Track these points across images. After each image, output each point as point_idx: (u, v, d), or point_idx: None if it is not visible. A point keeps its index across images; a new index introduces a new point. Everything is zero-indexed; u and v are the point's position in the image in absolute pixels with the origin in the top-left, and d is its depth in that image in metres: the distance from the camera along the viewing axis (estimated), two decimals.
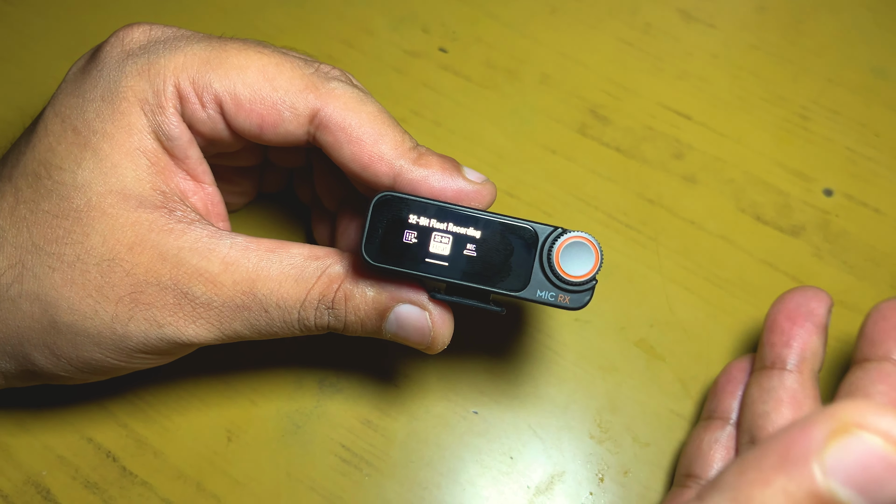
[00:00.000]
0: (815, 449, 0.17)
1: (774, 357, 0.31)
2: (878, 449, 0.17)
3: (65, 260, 0.27)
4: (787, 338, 0.31)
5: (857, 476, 0.17)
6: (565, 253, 0.26)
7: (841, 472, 0.17)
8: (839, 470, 0.17)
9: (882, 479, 0.17)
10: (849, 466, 0.17)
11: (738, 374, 0.33)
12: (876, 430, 0.17)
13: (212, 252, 0.27)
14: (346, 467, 0.34)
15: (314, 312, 0.28)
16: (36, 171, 0.27)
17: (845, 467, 0.17)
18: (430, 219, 0.26)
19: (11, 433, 0.34)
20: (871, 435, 0.17)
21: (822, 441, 0.17)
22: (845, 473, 0.17)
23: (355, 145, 0.28)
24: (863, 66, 0.44)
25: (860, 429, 0.17)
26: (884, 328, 0.31)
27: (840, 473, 0.17)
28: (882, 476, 0.17)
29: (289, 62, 0.28)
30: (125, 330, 0.27)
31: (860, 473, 0.17)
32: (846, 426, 0.17)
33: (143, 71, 0.27)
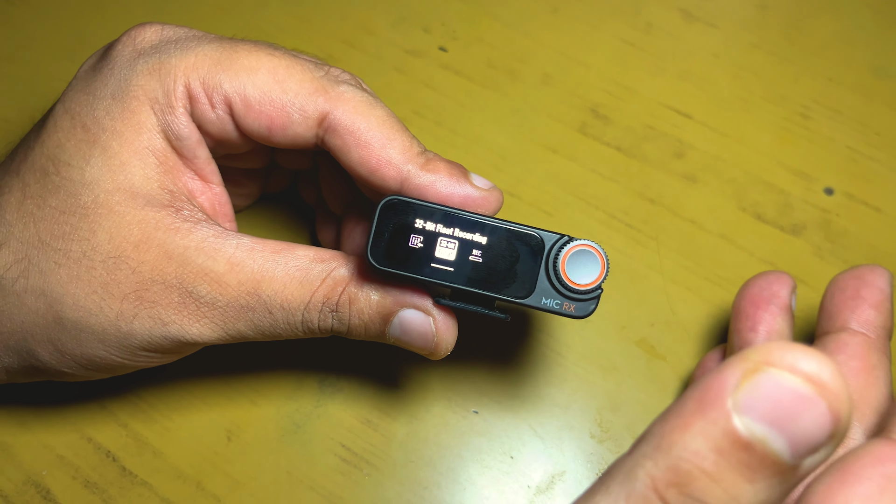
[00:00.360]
0: (728, 390, 0.17)
1: (742, 343, 0.31)
2: (786, 382, 0.17)
3: (71, 256, 0.27)
4: (752, 322, 0.31)
5: (768, 411, 0.17)
6: (571, 261, 0.26)
7: (754, 409, 0.17)
8: (752, 407, 0.17)
9: (792, 411, 0.17)
10: (760, 402, 0.17)
11: (711, 366, 0.34)
12: (784, 365, 0.17)
13: (217, 252, 0.27)
14: (347, 467, 0.34)
15: (318, 315, 0.28)
16: (44, 167, 0.28)
17: (757, 403, 0.17)
18: (437, 224, 0.26)
19: (12, 432, 0.34)
20: (779, 370, 0.17)
21: (736, 382, 0.17)
22: (758, 409, 0.17)
23: (364, 149, 0.28)
24: (864, 65, 0.44)
25: (769, 366, 0.17)
26: (841, 300, 0.31)
27: (753, 410, 0.17)
28: (793, 408, 0.17)
29: (299, 65, 0.28)
30: (130, 327, 0.27)
31: (772, 408, 0.17)
32: (756, 365, 0.17)
33: (154, 70, 0.28)
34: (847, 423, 0.17)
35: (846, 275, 0.31)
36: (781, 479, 0.18)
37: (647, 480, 0.18)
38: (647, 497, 0.18)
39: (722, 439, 0.17)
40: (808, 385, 0.17)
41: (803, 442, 0.17)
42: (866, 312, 0.30)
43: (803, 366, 0.17)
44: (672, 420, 0.18)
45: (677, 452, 0.18)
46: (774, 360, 0.17)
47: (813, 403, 0.17)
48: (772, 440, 0.17)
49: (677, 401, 0.19)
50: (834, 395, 0.17)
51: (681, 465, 0.18)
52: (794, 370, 0.17)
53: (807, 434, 0.17)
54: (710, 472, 0.17)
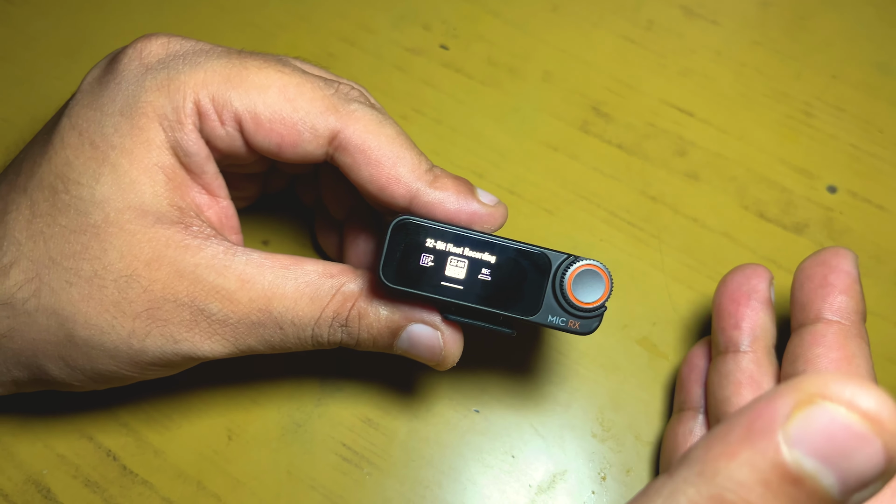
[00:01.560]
0: (779, 421, 0.17)
1: (727, 341, 0.31)
2: (841, 418, 0.17)
3: (82, 275, 0.27)
4: (735, 320, 0.31)
5: (821, 446, 0.17)
6: (577, 280, 0.27)
7: (805, 443, 0.17)
8: (804, 440, 0.17)
9: (846, 448, 0.17)
10: (813, 436, 0.17)
11: (698, 362, 0.34)
12: (839, 399, 0.17)
13: (228, 269, 0.27)
14: (347, 466, 0.34)
15: (328, 330, 0.28)
16: (53, 185, 0.27)
17: (810, 437, 0.17)
18: (447, 243, 0.27)
19: (12, 432, 0.34)
20: (834, 405, 0.17)
21: (787, 413, 0.17)
22: (810, 443, 0.17)
23: (374, 167, 0.28)
24: (867, 62, 0.44)
25: (824, 399, 0.17)
26: (810, 289, 0.31)
27: (805, 444, 0.17)
28: (846, 445, 0.17)
29: (309, 82, 0.28)
30: (142, 345, 0.27)
31: (824, 443, 0.17)
32: (810, 397, 0.17)
33: (163, 86, 0.27)
34: None
35: (811, 262, 0.31)
36: None
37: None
38: None
39: (770, 472, 0.17)
40: (864, 423, 0.17)
41: (854, 480, 0.17)
42: (838, 299, 0.30)
43: (862, 402, 0.17)
44: (717, 447, 0.18)
45: (721, 482, 0.17)
46: (830, 393, 0.17)
47: (868, 442, 0.17)
48: (822, 476, 0.17)
49: (723, 426, 0.18)
50: (890, 434, 0.17)
51: (725, 494, 0.17)
52: (852, 406, 0.17)
53: (859, 472, 0.17)
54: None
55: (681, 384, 0.34)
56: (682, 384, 0.34)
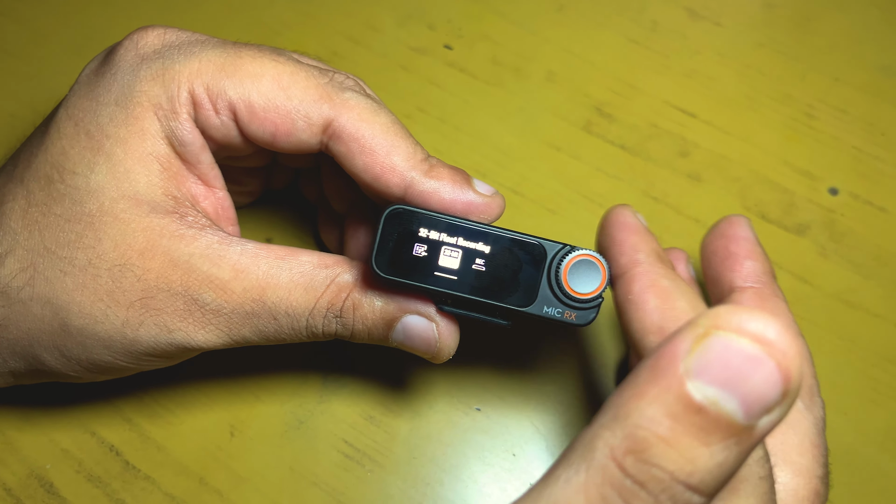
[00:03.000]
0: (680, 356, 0.18)
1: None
2: (733, 344, 0.17)
3: (76, 264, 0.27)
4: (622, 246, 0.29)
5: (718, 372, 0.17)
6: (573, 270, 0.26)
7: (705, 373, 0.17)
8: (703, 370, 0.17)
9: (741, 371, 0.17)
10: (711, 365, 0.17)
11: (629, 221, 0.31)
12: (731, 327, 0.17)
13: (222, 259, 0.27)
14: (349, 463, 0.34)
15: (322, 320, 0.28)
16: (48, 175, 0.28)
17: (708, 367, 0.17)
18: (441, 233, 0.27)
19: (16, 427, 0.34)
20: (727, 332, 0.17)
21: (687, 348, 0.18)
22: (707, 372, 0.17)
23: (368, 156, 0.28)
24: (870, 64, 0.44)
25: (717, 329, 0.17)
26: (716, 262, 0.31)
27: (704, 373, 0.17)
28: (741, 368, 0.17)
29: (303, 71, 0.28)
30: (135, 335, 0.27)
31: (721, 370, 0.17)
32: (707, 330, 0.18)
33: (158, 76, 0.28)
34: (798, 380, 0.17)
35: (710, 238, 0.32)
36: (737, 441, 0.18)
37: (605, 450, 0.18)
38: (606, 466, 0.18)
39: (675, 405, 0.18)
40: (755, 345, 0.17)
41: (756, 402, 0.17)
42: (745, 266, 0.30)
43: (750, 326, 0.17)
44: (627, 391, 0.19)
45: (633, 421, 0.18)
46: (722, 322, 0.18)
47: (761, 363, 0.17)
48: (724, 402, 0.17)
49: (633, 372, 0.19)
50: (782, 353, 0.17)
51: (637, 432, 0.18)
52: (741, 331, 0.17)
53: (758, 394, 0.17)
54: (665, 438, 0.18)
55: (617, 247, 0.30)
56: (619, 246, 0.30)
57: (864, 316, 0.37)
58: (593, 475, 0.18)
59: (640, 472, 0.18)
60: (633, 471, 0.18)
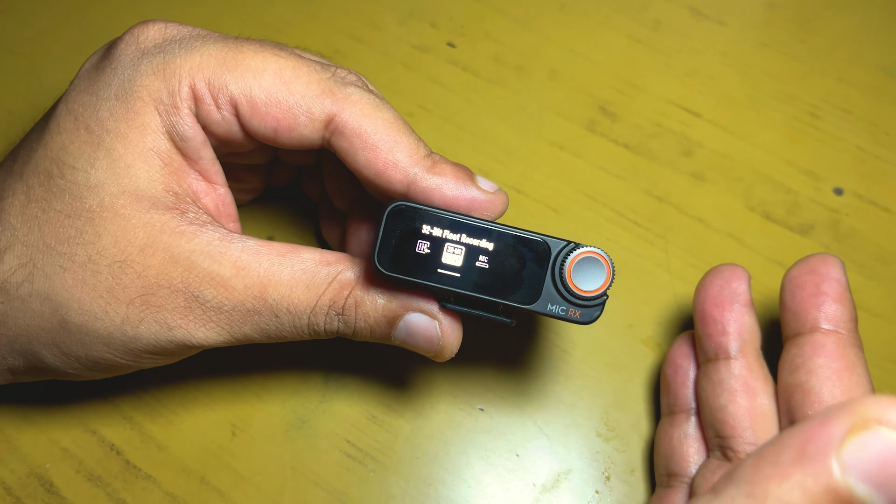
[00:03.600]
0: (833, 444, 0.17)
1: (715, 347, 0.31)
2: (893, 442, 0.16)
3: (76, 260, 0.27)
4: (721, 326, 0.31)
5: (875, 472, 0.16)
6: (577, 268, 0.26)
7: (859, 468, 0.16)
8: (858, 466, 0.16)
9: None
10: (867, 462, 0.16)
11: (682, 362, 0.33)
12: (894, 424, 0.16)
13: (223, 255, 0.27)
14: (351, 463, 0.34)
15: (324, 318, 0.28)
16: (48, 170, 0.27)
17: (864, 463, 0.16)
18: (444, 230, 0.26)
19: (16, 426, 0.34)
20: (890, 430, 0.16)
21: (841, 436, 0.17)
22: (864, 469, 0.16)
23: (370, 152, 0.27)
24: (873, 64, 0.44)
25: (879, 424, 0.16)
26: (803, 298, 0.30)
27: (858, 469, 0.16)
28: None
29: (306, 66, 0.28)
30: (135, 332, 0.27)
31: (879, 469, 0.16)
32: (865, 421, 0.17)
33: (159, 70, 0.27)
34: None
35: (800, 270, 0.31)
36: None
37: None
38: None
39: (822, 496, 0.17)
40: None
41: None
42: (832, 308, 0.30)
43: None
44: (767, 468, 0.18)
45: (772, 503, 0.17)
46: (886, 417, 0.17)
47: None
48: (873, 502, 0.17)
49: (773, 446, 0.18)
50: None
51: None
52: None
53: None
54: None
55: (667, 386, 0.33)
56: (669, 386, 0.33)
57: (866, 316, 0.37)
58: None
59: None
60: None
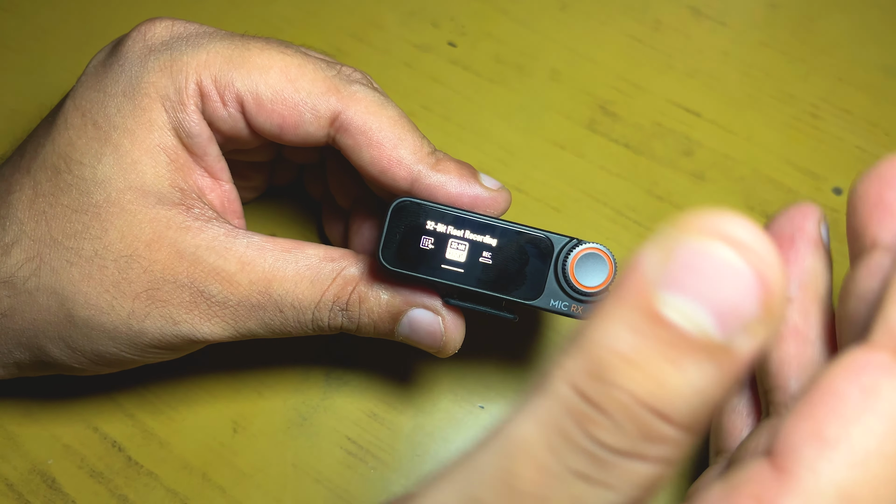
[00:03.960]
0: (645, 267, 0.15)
1: None
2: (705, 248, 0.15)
3: (83, 255, 0.27)
4: None
5: (688, 281, 0.15)
6: (580, 264, 0.26)
7: (673, 282, 0.15)
8: (669, 279, 0.15)
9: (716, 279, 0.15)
10: (680, 274, 0.15)
11: None
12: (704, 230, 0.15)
13: (228, 251, 0.27)
14: (352, 460, 0.34)
15: (328, 313, 0.28)
16: (55, 165, 0.28)
17: (675, 275, 0.15)
18: (448, 225, 0.27)
19: (18, 422, 0.34)
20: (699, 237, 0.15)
21: (653, 257, 0.15)
22: (676, 281, 0.15)
23: (375, 149, 0.28)
24: (873, 64, 0.44)
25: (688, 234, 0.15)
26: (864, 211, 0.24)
27: (671, 283, 0.15)
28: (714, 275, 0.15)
29: (311, 63, 0.28)
30: (141, 326, 0.27)
31: (692, 279, 0.15)
32: (676, 236, 0.15)
33: (166, 67, 0.28)
34: (780, 293, 0.15)
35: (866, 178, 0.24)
36: (714, 363, 0.15)
37: (563, 377, 0.16)
38: (564, 394, 0.16)
39: (639, 319, 0.15)
40: (728, 248, 0.15)
41: (730, 313, 0.15)
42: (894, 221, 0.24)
43: (723, 228, 0.15)
44: (593, 317, 0.16)
45: (595, 343, 0.16)
46: (692, 227, 0.15)
47: (737, 269, 0.15)
48: (693, 312, 0.15)
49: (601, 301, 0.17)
50: (759, 258, 0.15)
51: (600, 355, 0.15)
52: (713, 233, 0.15)
53: (731, 303, 0.15)
54: (630, 358, 0.15)
55: None
56: None
57: None
58: (550, 405, 0.16)
59: (600, 396, 0.15)
60: (593, 395, 0.15)
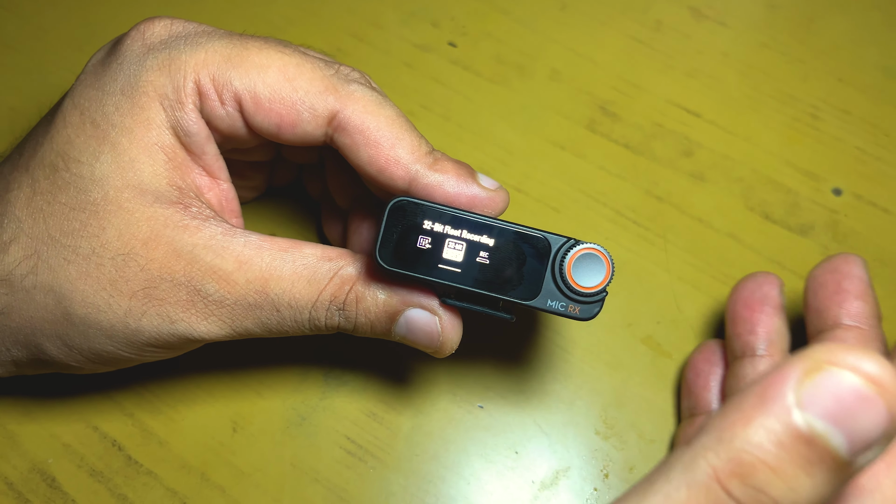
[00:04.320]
0: (790, 386, 0.18)
1: (743, 346, 0.32)
2: (847, 382, 0.18)
3: (80, 253, 0.27)
4: (750, 325, 0.32)
5: (830, 408, 0.18)
6: (577, 264, 0.26)
7: (816, 405, 0.18)
8: (814, 403, 0.18)
9: (853, 409, 0.18)
10: (822, 399, 0.18)
11: (703, 367, 0.34)
12: (846, 365, 0.18)
13: (226, 250, 0.27)
14: (351, 459, 0.34)
15: (325, 313, 0.28)
16: (54, 163, 0.28)
17: (819, 400, 0.18)
18: (445, 225, 0.27)
19: (18, 421, 0.34)
20: (841, 370, 0.18)
21: (797, 379, 0.18)
22: (819, 406, 0.18)
23: (373, 148, 0.28)
24: (873, 65, 0.44)
25: (831, 365, 0.18)
26: (825, 296, 0.31)
27: (815, 407, 0.18)
28: (853, 406, 0.18)
29: (309, 63, 0.28)
30: (138, 324, 0.27)
31: (833, 405, 0.18)
32: (819, 364, 0.18)
33: (164, 66, 0.28)
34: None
35: (823, 269, 0.32)
36: (837, 473, 0.18)
37: (708, 470, 0.19)
38: (710, 486, 0.18)
39: (783, 434, 0.18)
40: (868, 385, 0.18)
41: (860, 439, 0.18)
42: (854, 305, 0.31)
43: (865, 367, 0.18)
44: (732, 415, 0.19)
45: (739, 445, 0.18)
46: (837, 360, 0.18)
47: (873, 403, 0.18)
48: (832, 436, 0.18)
49: (738, 397, 0.19)
50: (892, 395, 0.18)
51: (743, 456, 0.18)
52: (857, 370, 0.18)
53: (864, 431, 0.18)
54: (771, 465, 0.18)
55: (688, 389, 0.34)
56: (690, 389, 0.34)
57: None
58: (696, 494, 0.19)
59: (744, 495, 0.18)
60: (737, 493, 0.18)
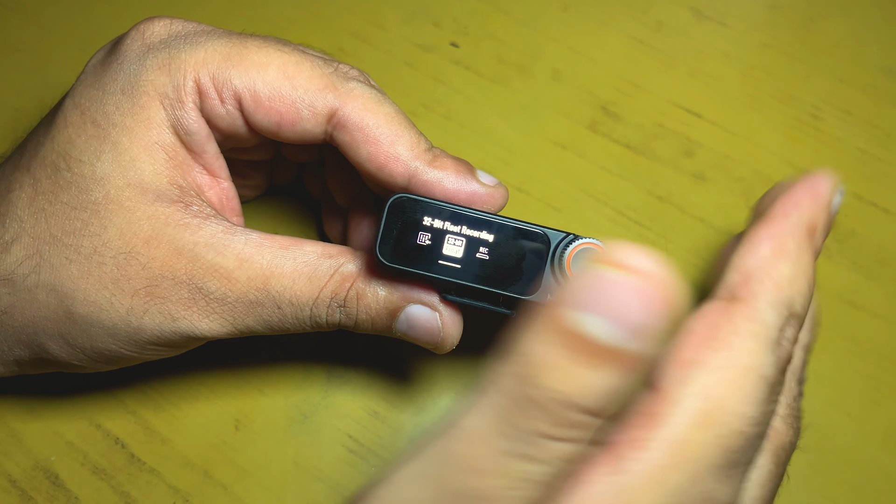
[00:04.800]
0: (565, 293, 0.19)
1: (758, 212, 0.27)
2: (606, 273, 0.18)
3: (82, 252, 0.27)
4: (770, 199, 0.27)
5: (591, 300, 0.18)
6: (577, 259, 0.26)
7: (581, 302, 0.18)
8: (578, 300, 0.18)
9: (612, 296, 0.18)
10: (584, 294, 0.18)
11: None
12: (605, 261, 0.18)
13: (226, 248, 0.27)
14: (354, 458, 0.34)
15: (326, 310, 0.28)
16: (55, 163, 0.28)
17: (582, 296, 0.18)
18: (444, 221, 0.27)
19: (21, 419, 0.34)
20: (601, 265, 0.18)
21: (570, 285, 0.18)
22: (583, 301, 0.18)
23: (372, 145, 0.28)
24: (874, 66, 0.44)
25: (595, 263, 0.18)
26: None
27: (579, 302, 0.18)
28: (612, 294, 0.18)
29: (308, 61, 0.28)
30: (140, 323, 0.27)
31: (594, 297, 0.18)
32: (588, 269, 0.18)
33: (164, 65, 0.28)
34: (667, 305, 0.18)
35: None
36: (621, 365, 0.18)
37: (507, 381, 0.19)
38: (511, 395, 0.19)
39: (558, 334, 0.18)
40: (624, 273, 0.18)
41: (629, 323, 0.18)
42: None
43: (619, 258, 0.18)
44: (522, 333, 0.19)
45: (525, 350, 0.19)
46: (599, 258, 0.18)
47: (628, 287, 0.18)
48: (597, 326, 0.18)
49: None
50: (649, 278, 0.18)
51: (530, 360, 0.19)
52: (611, 263, 0.18)
53: (627, 315, 0.18)
54: (554, 365, 0.18)
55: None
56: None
57: (866, 317, 0.37)
58: (498, 402, 0.19)
59: (538, 394, 0.18)
60: (532, 393, 0.19)
